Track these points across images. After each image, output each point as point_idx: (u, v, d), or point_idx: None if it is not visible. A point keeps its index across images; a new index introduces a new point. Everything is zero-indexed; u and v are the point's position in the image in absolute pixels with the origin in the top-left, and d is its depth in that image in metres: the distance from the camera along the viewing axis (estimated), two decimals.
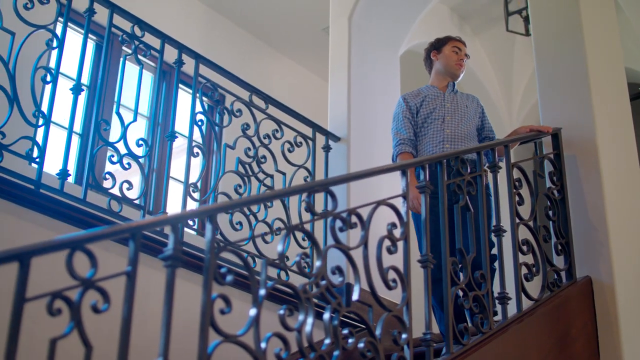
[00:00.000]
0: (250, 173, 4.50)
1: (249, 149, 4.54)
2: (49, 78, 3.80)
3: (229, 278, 2.33)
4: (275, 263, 2.50)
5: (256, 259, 4.22)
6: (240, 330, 2.32)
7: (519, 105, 7.41)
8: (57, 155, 4.10)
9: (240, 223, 4.23)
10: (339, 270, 2.68)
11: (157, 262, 2.85)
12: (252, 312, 2.37)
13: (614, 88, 4.44)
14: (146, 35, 4.24)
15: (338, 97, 5.50)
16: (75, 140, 5.28)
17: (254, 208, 4.41)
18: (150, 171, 4.06)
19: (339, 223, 2.73)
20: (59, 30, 4.04)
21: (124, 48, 4.38)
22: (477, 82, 7.17)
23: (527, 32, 6.58)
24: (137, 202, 4.00)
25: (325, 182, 2.74)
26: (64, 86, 4.10)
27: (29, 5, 3.82)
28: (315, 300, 2.63)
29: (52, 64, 3.94)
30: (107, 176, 3.88)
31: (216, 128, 4.50)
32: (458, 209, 3.36)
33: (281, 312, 2.47)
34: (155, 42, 4.33)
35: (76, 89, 3.87)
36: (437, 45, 4.63)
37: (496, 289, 3.44)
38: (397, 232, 2.98)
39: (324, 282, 2.62)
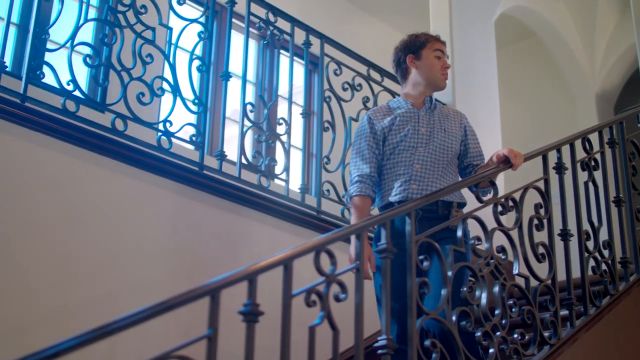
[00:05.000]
0: None
1: None
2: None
3: (426, 264, 2.77)
4: (458, 249, 2.91)
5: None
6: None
7: (601, 63, 7.69)
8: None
9: None
10: (502, 249, 3.11)
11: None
12: (443, 292, 2.81)
13: None
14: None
15: None
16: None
17: None
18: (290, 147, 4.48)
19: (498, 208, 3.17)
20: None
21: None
22: (560, 40, 7.44)
23: None
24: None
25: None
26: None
27: (181, 1, 4.21)
28: None
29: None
30: (256, 154, 4.31)
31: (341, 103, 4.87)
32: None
33: (464, 289, 2.91)
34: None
35: (225, 76, 4.27)
36: (414, 48, 3.55)
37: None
38: (542, 211, 3.40)
39: (492, 261, 3.05)
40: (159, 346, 2.36)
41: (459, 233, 2.97)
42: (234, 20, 4.52)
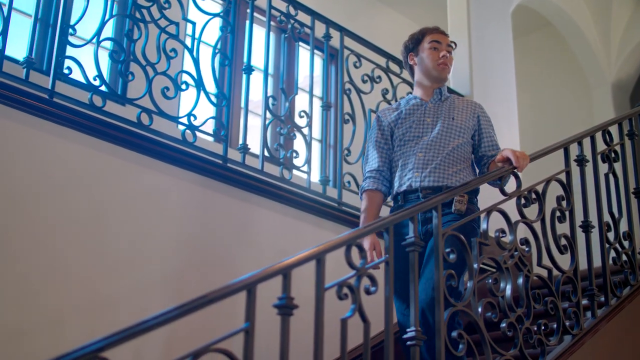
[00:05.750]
0: None
1: None
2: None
3: (452, 256, 2.82)
4: (484, 242, 2.96)
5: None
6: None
7: (617, 52, 7.70)
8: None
9: None
10: (526, 241, 3.16)
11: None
12: (469, 284, 2.86)
13: None
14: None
15: (459, 56, 5.87)
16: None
17: None
18: (311, 140, 4.53)
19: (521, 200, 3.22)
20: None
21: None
22: (576, 30, 7.45)
23: None
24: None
25: (513, 168, 3.20)
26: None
27: None
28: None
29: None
30: (278, 147, 4.36)
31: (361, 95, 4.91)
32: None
33: (489, 281, 2.96)
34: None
35: (247, 70, 4.31)
36: (412, 46, 3.62)
37: None
38: (564, 204, 3.45)
39: (516, 253, 3.10)
40: (184, 341, 2.43)
41: (484, 226, 3.03)
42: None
